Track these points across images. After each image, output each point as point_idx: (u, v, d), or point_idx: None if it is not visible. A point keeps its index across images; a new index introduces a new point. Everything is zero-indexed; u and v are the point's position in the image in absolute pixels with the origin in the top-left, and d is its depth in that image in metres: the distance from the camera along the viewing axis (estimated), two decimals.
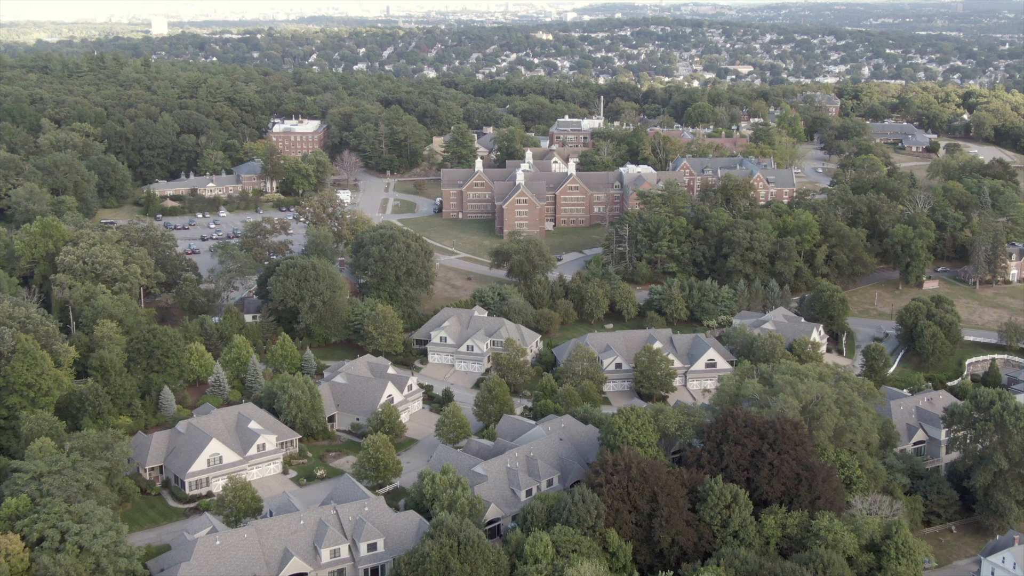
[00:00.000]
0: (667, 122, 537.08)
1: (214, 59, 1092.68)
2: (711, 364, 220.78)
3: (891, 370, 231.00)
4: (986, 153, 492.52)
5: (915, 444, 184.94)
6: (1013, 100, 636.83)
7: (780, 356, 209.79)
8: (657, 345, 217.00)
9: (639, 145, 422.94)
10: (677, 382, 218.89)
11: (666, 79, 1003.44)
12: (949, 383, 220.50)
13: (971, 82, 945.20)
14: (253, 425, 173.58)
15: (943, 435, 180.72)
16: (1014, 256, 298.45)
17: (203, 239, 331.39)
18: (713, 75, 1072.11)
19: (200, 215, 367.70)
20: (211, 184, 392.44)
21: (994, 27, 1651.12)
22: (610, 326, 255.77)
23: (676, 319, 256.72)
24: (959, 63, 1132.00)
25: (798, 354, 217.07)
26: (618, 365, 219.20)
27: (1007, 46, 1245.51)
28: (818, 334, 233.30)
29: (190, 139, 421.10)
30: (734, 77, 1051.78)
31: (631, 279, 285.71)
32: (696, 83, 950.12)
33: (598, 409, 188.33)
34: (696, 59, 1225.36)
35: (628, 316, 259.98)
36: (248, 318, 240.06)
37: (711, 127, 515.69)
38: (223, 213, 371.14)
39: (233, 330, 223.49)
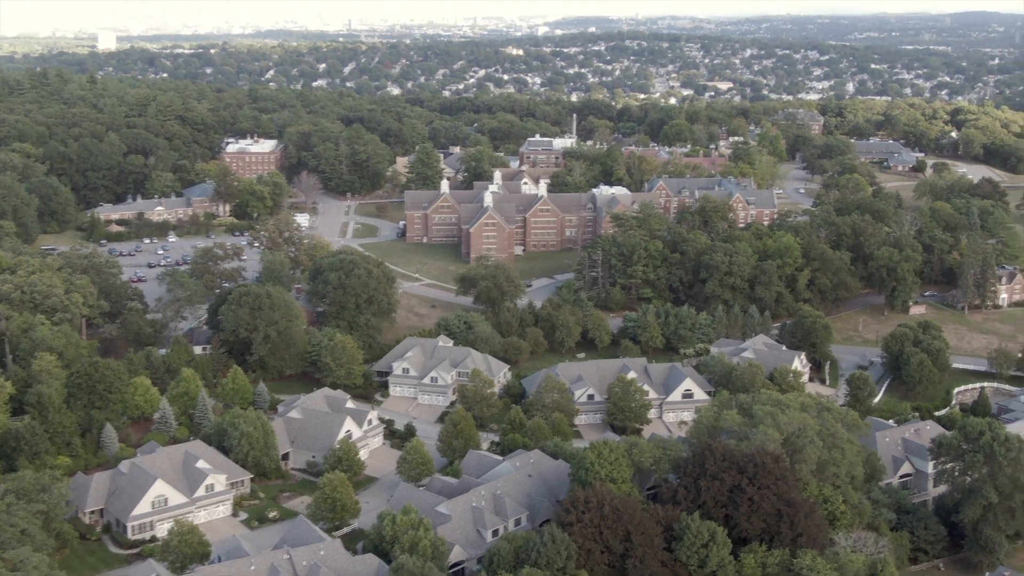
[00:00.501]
0: (643, 141, 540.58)
1: (164, 75, 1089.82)
2: (688, 395, 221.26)
3: (876, 400, 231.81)
4: (975, 172, 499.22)
5: (901, 477, 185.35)
6: (1003, 117, 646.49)
7: (760, 386, 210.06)
8: (631, 375, 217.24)
9: (613, 165, 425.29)
10: (652, 414, 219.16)
11: (642, 96, 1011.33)
12: (937, 413, 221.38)
13: (959, 98, 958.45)
14: (201, 464, 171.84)
15: (930, 468, 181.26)
16: (1004, 279, 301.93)
17: (150, 266, 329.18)
18: (691, 92, 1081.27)
19: (147, 240, 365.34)
20: (160, 208, 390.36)
21: (983, 41, 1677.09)
22: (582, 355, 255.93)
23: (651, 348, 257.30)
24: (947, 79, 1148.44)
25: (779, 384, 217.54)
26: (590, 396, 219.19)
27: (996, 61, 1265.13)
28: (800, 362, 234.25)
29: (138, 160, 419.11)
30: (713, 94, 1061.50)
31: (604, 306, 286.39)
32: (673, 100, 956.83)
33: (569, 443, 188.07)
34: (673, 75, 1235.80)
35: (601, 345, 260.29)
36: (197, 350, 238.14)
37: (689, 146, 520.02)
38: (172, 238, 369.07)
39: (181, 363, 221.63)
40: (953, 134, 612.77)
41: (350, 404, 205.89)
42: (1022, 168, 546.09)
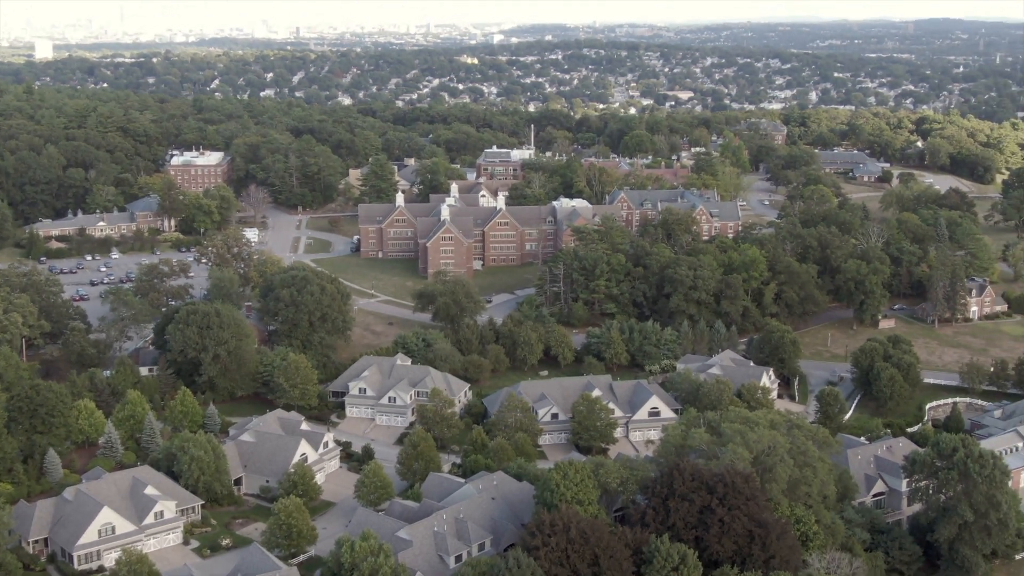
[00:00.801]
0: (603, 152, 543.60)
1: (105, 85, 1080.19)
2: (655, 413, 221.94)
3: (847, 416, 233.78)
4: (942, 182, 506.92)
5: (874, 496, 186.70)
6: (969, 126, 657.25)
7: (728, 403, 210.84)
8: (596, 393, 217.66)
9: (573, 177, 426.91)
10: (618, 433, 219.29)
11: (601, 106, 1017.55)
12: (909, 429, 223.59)
13: (924, 107, 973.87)
14: (150, 490, 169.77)
15: (904, 486, 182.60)
16: (974, 292, 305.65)
17: (93, 284, 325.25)
18: (651, 101, 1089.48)
19: (89, 257, 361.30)
20: (102, 223, 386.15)
21: (947, 49, 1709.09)
22: (545, 373, 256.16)
23: (616, 364, 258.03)
24: (911, 87, 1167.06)
25: (747, 400, 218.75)
26: (554, 415, 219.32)
27: (961, 69, 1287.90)
28: (768, 378, 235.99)
29: (78, 173, 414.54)
30: (673, 103, 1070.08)
31: (567, 322, 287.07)
32: (633, 110, 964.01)
33: (533, 464, 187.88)
34: (633, 84, 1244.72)
35: (564, 362, 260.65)
36: (144, 371, 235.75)
37: (650, 157, 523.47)
38: (115, 255, 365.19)
39: (127, 385, 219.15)
40: (919, 144, 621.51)
41: (305, 426, 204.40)
42: (989, 178, 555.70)
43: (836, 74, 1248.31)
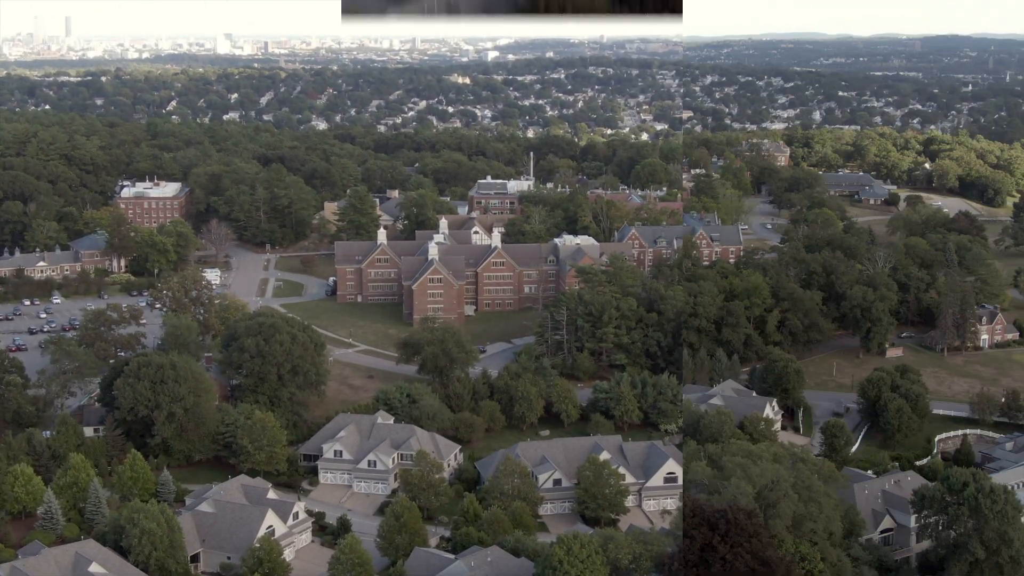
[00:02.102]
0: (611, 183, 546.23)
1: (47, 107, 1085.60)
2: (671, 478, 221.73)
3: (853, 449, 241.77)
4: (951, 206, 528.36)
5: (882, 532, 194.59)
6: (978, 147, 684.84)
7: (730, 435, 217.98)
8: (604, 456, 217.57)
9: (577, 211, 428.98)
10: (630, 502, 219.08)
11: (609, 131, 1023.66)
12: (918, 463, 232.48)
13: (932, 127, 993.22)
14: (95, 568, 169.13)
15: (913, 521, 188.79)
16: (984, 319, 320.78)
17: (31, 332, 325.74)
18: (666, 126, 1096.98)
19: (27, 302, 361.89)
20: (42, 263, 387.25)
21: (955, 67, 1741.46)
22: (546, 433, 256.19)
23: (627, 423, 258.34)
24: (918, 106, 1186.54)
25: (750, 433, 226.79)
26: (557, 482, 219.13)
27: (970, 88, 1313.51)
28: (771, 409, 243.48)
29: (16, 207, 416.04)
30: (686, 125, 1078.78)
31: (571, 374, 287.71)
32: (645, 136, 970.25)
33: (532, 538, 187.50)
34: (645, 107, 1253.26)
35: (568, 420, 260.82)
36: (88, 431, 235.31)
37: (664, 189, 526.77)
38: (57, 299, 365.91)
39: (69, 447, 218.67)
40: (927, 165, 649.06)
41: (272, 495, 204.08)
42: (1000, 201, 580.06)
43: (840, 92, 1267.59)
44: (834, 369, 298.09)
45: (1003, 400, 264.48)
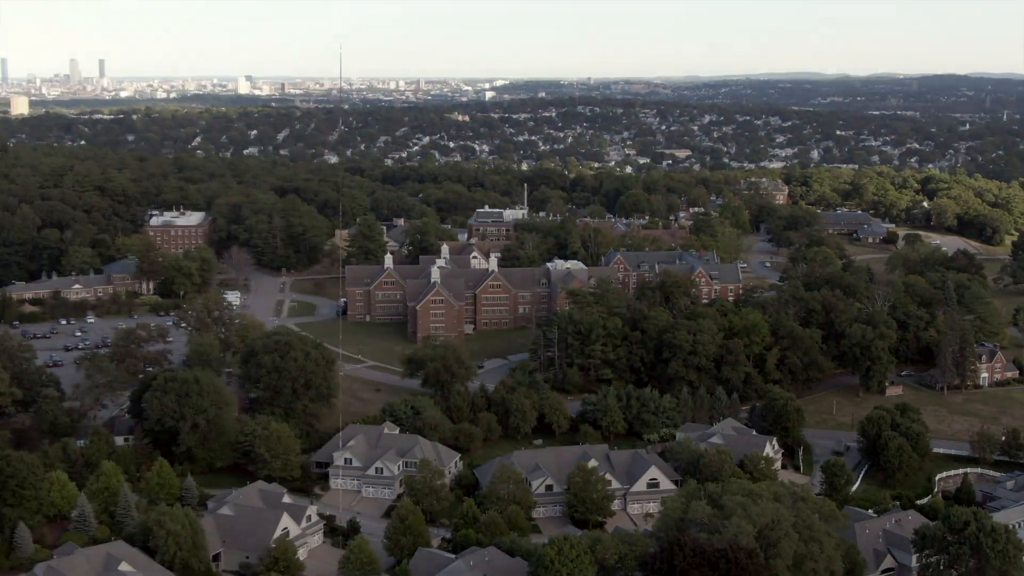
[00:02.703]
0: (598, 212, 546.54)
1: (83, 143, 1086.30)
2: (654, 484, 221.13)
3: (854, 488, 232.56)
4: (949, 244, 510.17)
5: (883, 572, 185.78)
6: (976, 186, 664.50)
7: (730, 474, 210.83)
8: (592, 463, 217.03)
9: (568, 238, 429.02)
10: (616, 505, 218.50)
11: (596, 164, 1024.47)
12: (918, 501, 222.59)
13: (930, 166, 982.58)
14: (124, 567, 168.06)
15: (914, 561, 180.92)
16: (984, 358, 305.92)
17: (67, 349, 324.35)
18: (648, 160, 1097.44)
19: (64, 321, 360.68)
20: (77, 286, 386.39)
21: (953, 106, 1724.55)
22: (539, 442, 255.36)
23: (613, 433, 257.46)
24: (916, 145, 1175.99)
25: (750, 471, 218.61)
26: (549, 487, 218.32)
27: (967, 127, 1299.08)
28: (771, 448, 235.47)
29: (53, 234, 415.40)
30: (671, 162, 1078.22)
31: (562, 388, 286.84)
32: (629, 169, 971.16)
33: (527, 539, 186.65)
34: (629, 142, 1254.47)
35: (559, 430, 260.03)
36: (119, 441, 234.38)
37: (647, 217, 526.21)
38: (91, 319, 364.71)
39: (101, 455, 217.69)
40: (925, 204, 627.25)
41: (287, 499, 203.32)
42: (998, 239, 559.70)
43: (838, 132, 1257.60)
44: (834, 407, 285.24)
45: (1003, 439, 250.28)
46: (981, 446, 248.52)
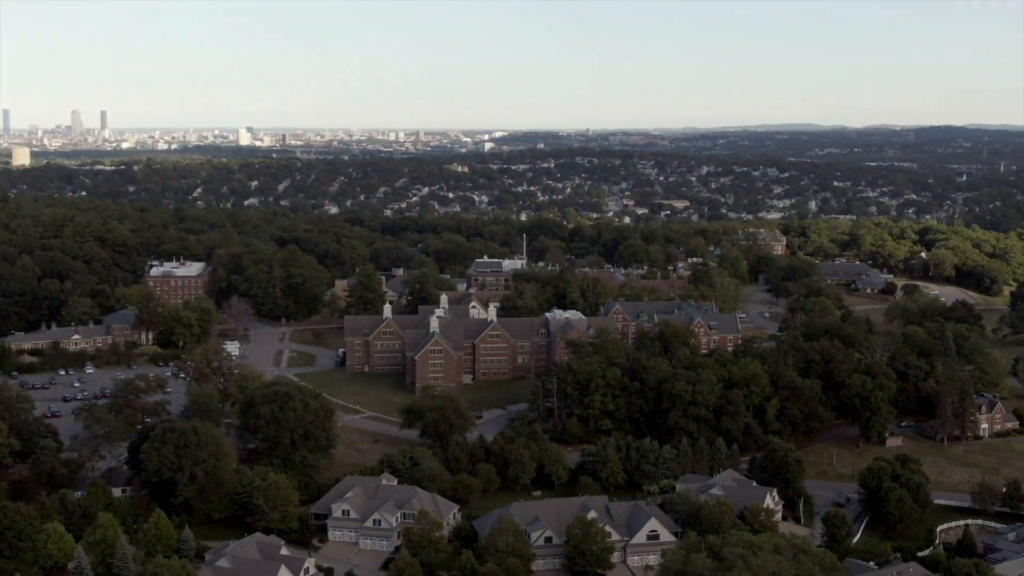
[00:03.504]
0: (597, 262, 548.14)
1: (84, 194, 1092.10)
2: (654, 536, 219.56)
3: (855, 540, 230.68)
4: (947, 294, 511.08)
5: None
6: (974, 236, 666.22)
7: (730, 526, 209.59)
8: (592, 515, 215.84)
9: (566, 288, 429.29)
10: (616, 558, 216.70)
11: (595, 215, 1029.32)
12: (920, 553, 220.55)
13: (928, 217, 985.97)
14: None
15: None
16: (983, 408, 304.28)
17: (66, 400, 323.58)
18: (646, 210, 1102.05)
19: (63, 372, 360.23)
20: (76, 336, 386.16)
21: (949, 157, 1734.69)
22: (538, 493, 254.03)
23: (612, 484, 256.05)
24: (914, 196, 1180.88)
25: (750, 523, 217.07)
26: (548, 539, 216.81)
27: (964, 178, 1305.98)
28: (772, 500, 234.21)
29: (53, 284, 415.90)
30: (669, 213, 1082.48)
31: (561, 439, 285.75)
32: (628, 219, 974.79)
33: None
34: (627, 193, 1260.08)
35: (558, 481, 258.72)
36: (117, 492, 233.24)
37: (646, 268, 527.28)
38: (90, 369, 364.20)
39: (99, 507, 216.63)
40: (923, 254, 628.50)
41: (285, 551, 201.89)
42: (996, 290, 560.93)
43: (836, 183, 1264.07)
44: (834, 458, 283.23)
45: (1004, 490, 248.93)
46: (982, 497, 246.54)
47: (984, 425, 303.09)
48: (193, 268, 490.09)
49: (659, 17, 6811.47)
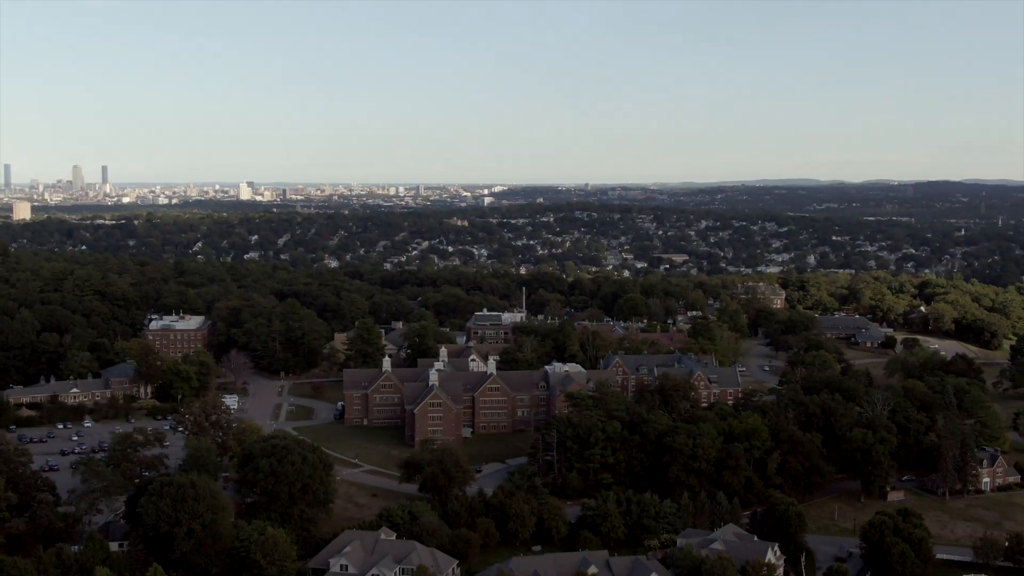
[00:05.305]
0: (596, 315, 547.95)
1: (84, 248, 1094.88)
2: None
3: None
4: (947, 348, 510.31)
5: None
6: (973, 290, 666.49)
7: None
8: (592, 570, 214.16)
9: (566, 341, 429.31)
10: None
11: (594, 268, 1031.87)
12: None
13: (926, 271, 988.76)
14: None
15: None
16: (985, 462, 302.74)
17: (64, 453, 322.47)
18: (645, 264, 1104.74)
19: (61, 426, 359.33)
20: (75, 390, 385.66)
21: (947, 212, 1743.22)
22: (538, 548, 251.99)
23: (613, 539, 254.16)
24: (912, 250, 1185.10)
25: None
26: None
27: (963, 232, 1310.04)
28: (773, 555, 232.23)
29: (52, 338, 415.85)
30: (668, 266, 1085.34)
31: (561, 493, 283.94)
32: (627, 273, 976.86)
33: None
34: (626, 247, 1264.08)
35: (558, 536, 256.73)
36: (114, 546, 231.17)
37: (645, 321, 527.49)
38: (88, 423, 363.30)
39: (96, 561, 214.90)
40: (922, 308, 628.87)
41: None
42: (996, 343, 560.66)
43: (834, 237, 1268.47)
44: (836, 513, 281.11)
45: (1007, 544, 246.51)
46: (984, 552, 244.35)
47: (986, 479, 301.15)
48: (192, 322, 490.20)
49: (657, 73, 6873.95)
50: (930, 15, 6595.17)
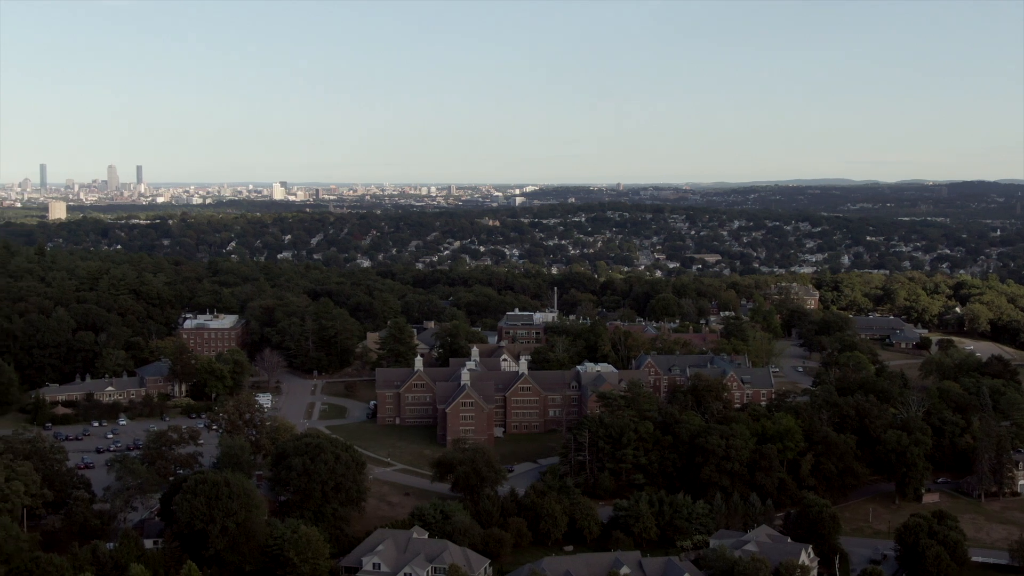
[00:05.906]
0: (628, 315, 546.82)
1: (119, 247, 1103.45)
2: None
3: None
4: (983, 349, 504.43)
5: None
6: (1009, 291, 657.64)
7: None
8: (624, 571, 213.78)
9: (598, 341, 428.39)
10: None
11: (626, 268, 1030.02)
12: None
13: (961, 272, 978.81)
14: None
15: None
16: (1021, 464, 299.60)
17: (99, 451, 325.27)
18: (677, 264, 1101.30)
19: (96, 423, 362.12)
20: (110, 388, 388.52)
21: (983, 212, 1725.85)
22: (570, 548, 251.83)
23: (645, 539, 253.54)
24: (947, 251, 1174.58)
25: None
26: None
27: (998, 232, 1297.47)
28: (807, 556, 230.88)
29: (88, 337, 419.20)
30: (700, 267, 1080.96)
31: (593, 493, 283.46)
32: (659, 273, 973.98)
33: None
34: (658, 247, 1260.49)
35: (590, 536, 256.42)
36: (148, 543, 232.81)
37: (677, 321, 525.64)
38: (123, 421, 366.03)
39: (130, 558, 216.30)
40: (957, 309, 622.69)
41: None
42: None
43: (868, 237, 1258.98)
44: (870, 515, 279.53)
45: None
46: (1020, 554, 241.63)
47: (1022, 481, 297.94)
48: (226, 321, 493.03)
49: (690, 73, 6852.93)
50: (967, 16, 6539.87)
